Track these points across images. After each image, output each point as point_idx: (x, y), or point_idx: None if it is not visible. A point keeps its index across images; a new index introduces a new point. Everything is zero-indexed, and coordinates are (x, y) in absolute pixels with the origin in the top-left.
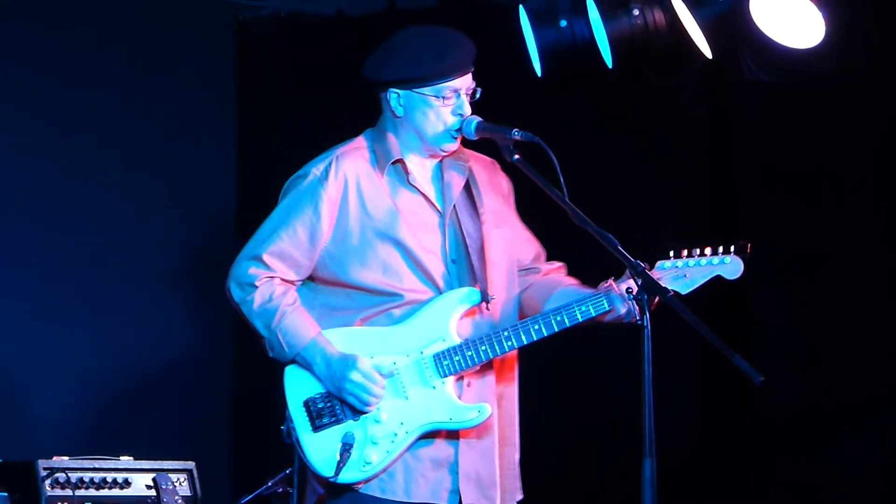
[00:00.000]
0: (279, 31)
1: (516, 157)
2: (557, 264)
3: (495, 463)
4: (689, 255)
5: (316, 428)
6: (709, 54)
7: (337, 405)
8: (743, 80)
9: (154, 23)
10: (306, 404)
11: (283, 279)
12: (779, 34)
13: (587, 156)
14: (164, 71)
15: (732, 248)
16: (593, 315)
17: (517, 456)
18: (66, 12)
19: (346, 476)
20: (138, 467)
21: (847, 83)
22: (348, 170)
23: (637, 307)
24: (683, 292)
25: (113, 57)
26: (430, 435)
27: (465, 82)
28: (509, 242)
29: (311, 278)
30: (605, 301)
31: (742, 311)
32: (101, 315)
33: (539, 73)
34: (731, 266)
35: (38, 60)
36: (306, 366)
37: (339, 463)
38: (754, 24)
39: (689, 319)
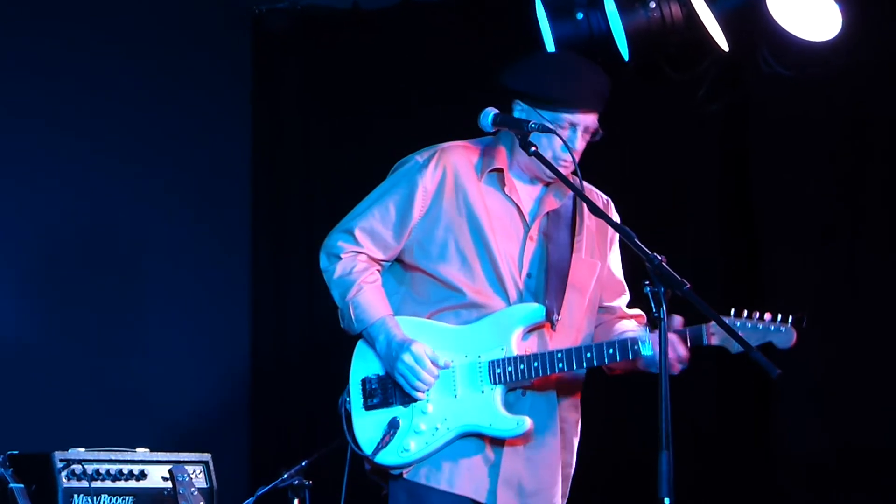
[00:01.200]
0: (295, 25)
1: (532, 149)
2: (637, 312)
3: (543, 475)
4: (749, 317)
5: (367, 406)
6: (726, 48)
7: (389, 388)
8: (760, 74)
9: (170, 16)
10: (363, 381)
11: (369, 256)
12: (796, 27)
13: (603, 150)
14: (180, 65)
15: (791, 319)
16: (641, 354)
17: (572, 463)
18: (82, 8)
19: (383, 458)
20: (154, 459)
21: (864, 76)
22: (449, 164)
23: (654, 300)
24: (733, 351)
25: (128, 51)
26: (478, 436)
27: (586, 120)
28: (598, 276)
29: (398, 260)
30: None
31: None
32: (117, 306)
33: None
34: (785, 335)
35: (53, 57)
36: (370, 342)
37: (379, 444)
38: (771, 17)
39: (707, 314)
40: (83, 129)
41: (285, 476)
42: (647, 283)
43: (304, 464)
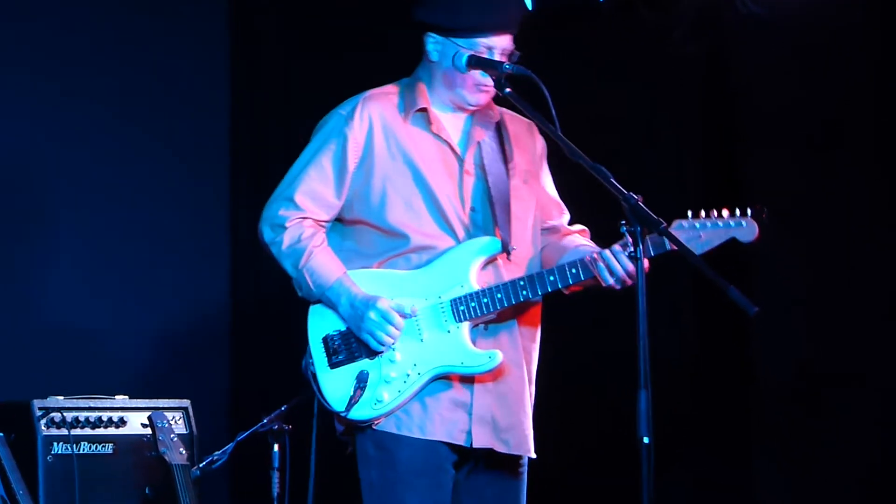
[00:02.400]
0: None
1: (508, 90)
2: (580, 227)
3: (513, 409)
4: (707, 217)
5: (332, 364)
6: None
7: (353, 343)
8: (737, 15)
9: None
10: (324, 340)
11: (314, 220)
12: None
13: (581, 93)
14: (155, 31)
15: (749, 212)
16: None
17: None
18: None
19: (357, 413)
20: (134, 406)
21: (844, 20)
22: (374, 111)
23: (630, 239)
24: (698, 252)
25: (102, 15)
26: (447, 377)
27: (502, 42)
28: (536, 199)
29: (339, 219)
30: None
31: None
32: (95, 256)
33: (530, 7)
34: (747, 229)
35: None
36: (331, 305)
37: (351, 399)
38: None
39: (683, 252)
40: (59, 66)
41: (265, 421)
42: (622, 222)
43: (283, 409)
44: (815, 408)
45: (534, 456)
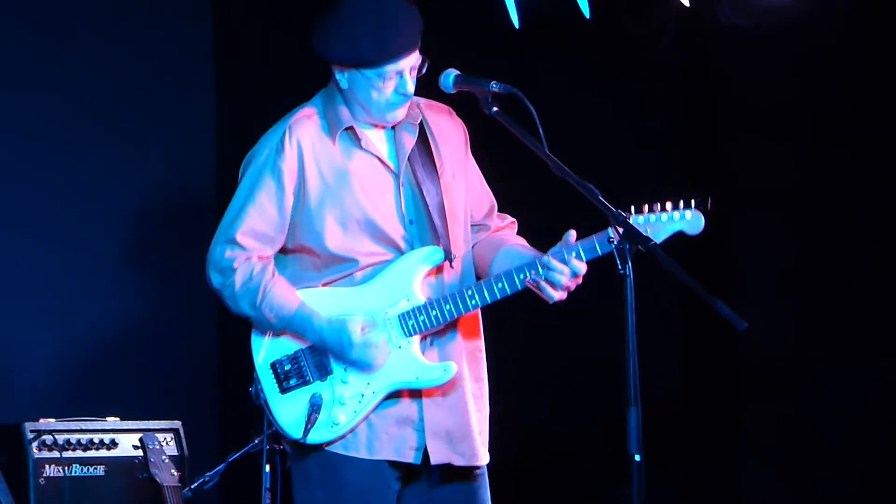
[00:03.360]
0: None
1: (495, 109)
2: (508, 220)
3: (466, 419)
4: (651, 211)
5: (283, 390)
6: (685, 1)
7: (304, 366)
8: (719, 26)
9: None
10: (273, 366)
11: (259, 256)
12: None
13: (566, 108)
14: (137, 22)
15: (693, 203)
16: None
17: (486, 413)
18: None
19: (314, 437)
20: (125, 427)
21: (820, 26)
22: (302, 137)
23: (619, 256)
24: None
25: (83, 7)
26: (394, 394)
27: (410, 62)
28: (465, 195)
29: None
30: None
31: (723, 257)
32: (83, 275)
33: (517, 26)
34: (691, 221)
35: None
36: (298, 335)
37: (307, 424)
38: None
39: (670, 268)
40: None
41: (256, 441)
42: (610, 238)
43: (273, 429)
44: (806, 407)
45: (485, 462)
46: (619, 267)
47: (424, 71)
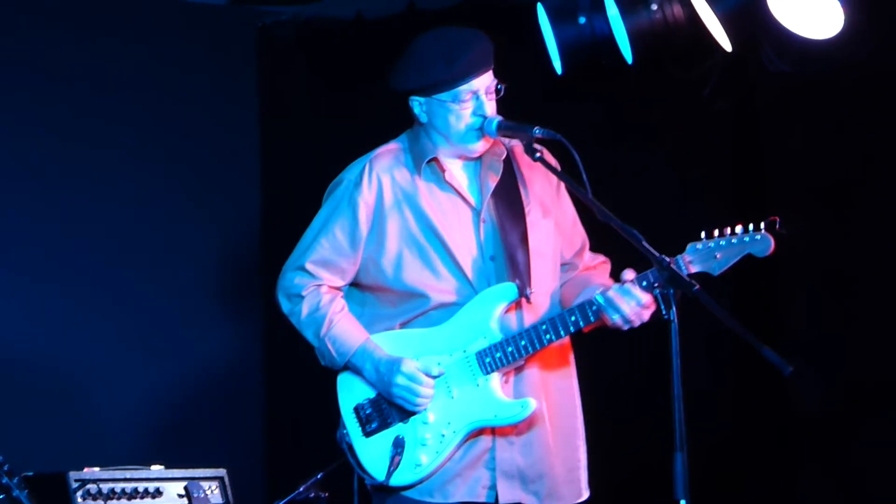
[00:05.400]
0: (299, 36)
1: (538, 155)
2: (600, 259)
3: (543, 457)
4: (721, 235)
5: (367, 433)
6: (728, 47)
7: (385, 409)
8: (764, 72)
9: (176, 29)
10: (356, 410)
11: (329, 286)
12: (797, 26)
13: (611, 153)
14: (186, 78)
15: (763, 225)
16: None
17: (580, 449)
18: (89, 19)
19: (398, 479)
20: (169, 476)
21: (868, 72)
22: (382, 172)
23: (664, 302)
24: (715, 273)
25: (135, 64)
26: (469, 436)
27: (484, 82)
28: (554, 233)
29: (355, 284)
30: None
31: (771, 304)
32: (129, 324)
33: (560, 71)
34: (761, 243)
35: (62, 69)
36: (356, 371)
37: (390, 466)
38: (772, 16)
39: (716, 312)
40: (92, 148)
41: (301, 489)
42: (656, 285)
43: (319, 476)
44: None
45: (573, 501)
46: (664, 312)
47: (502, 93)
